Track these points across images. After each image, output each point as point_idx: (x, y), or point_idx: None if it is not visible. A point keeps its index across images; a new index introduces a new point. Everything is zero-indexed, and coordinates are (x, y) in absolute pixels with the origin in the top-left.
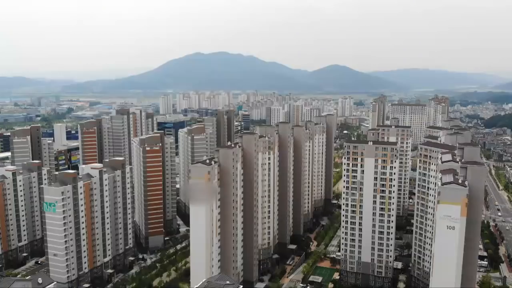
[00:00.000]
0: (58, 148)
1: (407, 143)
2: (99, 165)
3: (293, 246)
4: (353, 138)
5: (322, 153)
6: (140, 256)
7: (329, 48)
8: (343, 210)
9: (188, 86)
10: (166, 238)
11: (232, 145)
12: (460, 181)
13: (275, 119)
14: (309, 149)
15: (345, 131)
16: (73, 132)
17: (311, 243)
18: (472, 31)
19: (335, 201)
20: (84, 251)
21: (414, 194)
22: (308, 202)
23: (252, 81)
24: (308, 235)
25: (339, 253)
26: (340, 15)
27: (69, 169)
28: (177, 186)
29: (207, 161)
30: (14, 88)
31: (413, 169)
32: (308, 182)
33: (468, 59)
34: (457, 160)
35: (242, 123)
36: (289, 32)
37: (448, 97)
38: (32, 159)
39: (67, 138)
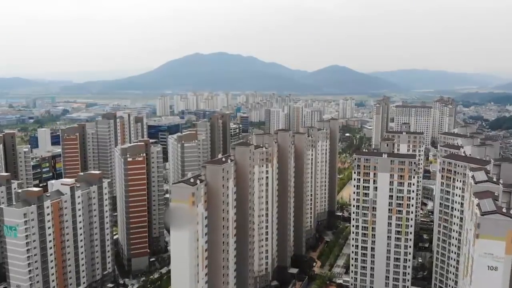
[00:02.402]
0: (42, 155)
1: (419, 151)
2: (71, 180)
3: (294, 270)
4: (355, 142)
5: (326, 161)
6: (121, 281)
7: (328, 49)
8: (353, 232)
9: (188, 86)
10: (151, 259)
11: (223, 159)
12: (504, 210)
13: (275, 121)
14: (312, 158)
15: (347, 134)
16: None
17: (314, 264)
18: (471, 31)
19: (339, 213)
20: (53, 281)
21: (425, 204)
22: (311, 217)
23: (252, 82)
24: (310, 254)
25: (346, 278)
26: (339, 15)
27: (54, 177)
28: (166, 195)
29: (192, 180)
30: (11, 89)
31: (425, 177)
32: (311, 195)
33: (466, 59)
34: (493, 179)
35: (241, 125)
36: (289, 32)
37: (454, 98)
38: (6, 171)
39: (56, 143)
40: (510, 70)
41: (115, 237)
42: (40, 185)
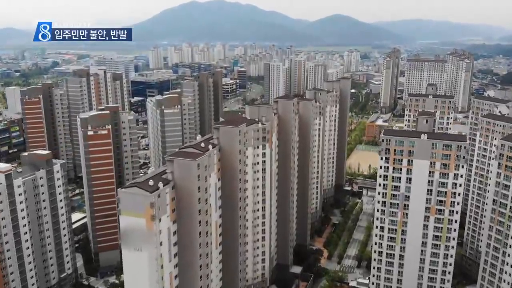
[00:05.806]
0: (11, 117)
1: (448, 118)
2: (6, 165)
3: (297, 268)
4: (361, 99)
5: (335, 129)
6: (86, 282)
7: None
8: (376, 235)
9: (183, 37)
10: None
11: (202, 144)
12: None
13: (275, 76)
14: (319, 128)
15: (352, 90)
16: None
17: (321, 257)
18: None
19: (348, 187)
20: None
21: None
22: (317, 197)
23: (250, 32)
24: (316, 241)
25: (361, 280)
26: None
27: (24, 142)
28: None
29: (151, 181)
30: (4, 40)
31: None
32: (317, 171)
33: (470, 10)
34: None
35: (238, 81)
36: None
37: (469, 51)
38: None
39: None
40: None
41: (83, 221)
42: (10, 151)
